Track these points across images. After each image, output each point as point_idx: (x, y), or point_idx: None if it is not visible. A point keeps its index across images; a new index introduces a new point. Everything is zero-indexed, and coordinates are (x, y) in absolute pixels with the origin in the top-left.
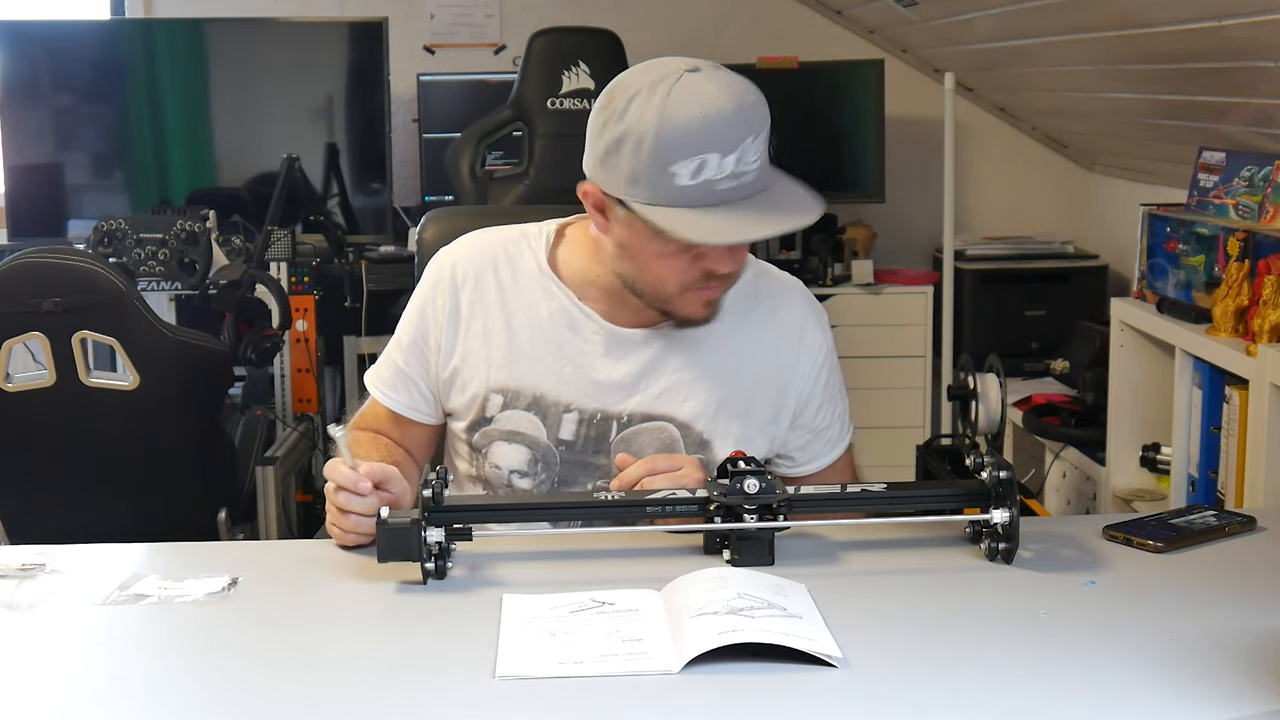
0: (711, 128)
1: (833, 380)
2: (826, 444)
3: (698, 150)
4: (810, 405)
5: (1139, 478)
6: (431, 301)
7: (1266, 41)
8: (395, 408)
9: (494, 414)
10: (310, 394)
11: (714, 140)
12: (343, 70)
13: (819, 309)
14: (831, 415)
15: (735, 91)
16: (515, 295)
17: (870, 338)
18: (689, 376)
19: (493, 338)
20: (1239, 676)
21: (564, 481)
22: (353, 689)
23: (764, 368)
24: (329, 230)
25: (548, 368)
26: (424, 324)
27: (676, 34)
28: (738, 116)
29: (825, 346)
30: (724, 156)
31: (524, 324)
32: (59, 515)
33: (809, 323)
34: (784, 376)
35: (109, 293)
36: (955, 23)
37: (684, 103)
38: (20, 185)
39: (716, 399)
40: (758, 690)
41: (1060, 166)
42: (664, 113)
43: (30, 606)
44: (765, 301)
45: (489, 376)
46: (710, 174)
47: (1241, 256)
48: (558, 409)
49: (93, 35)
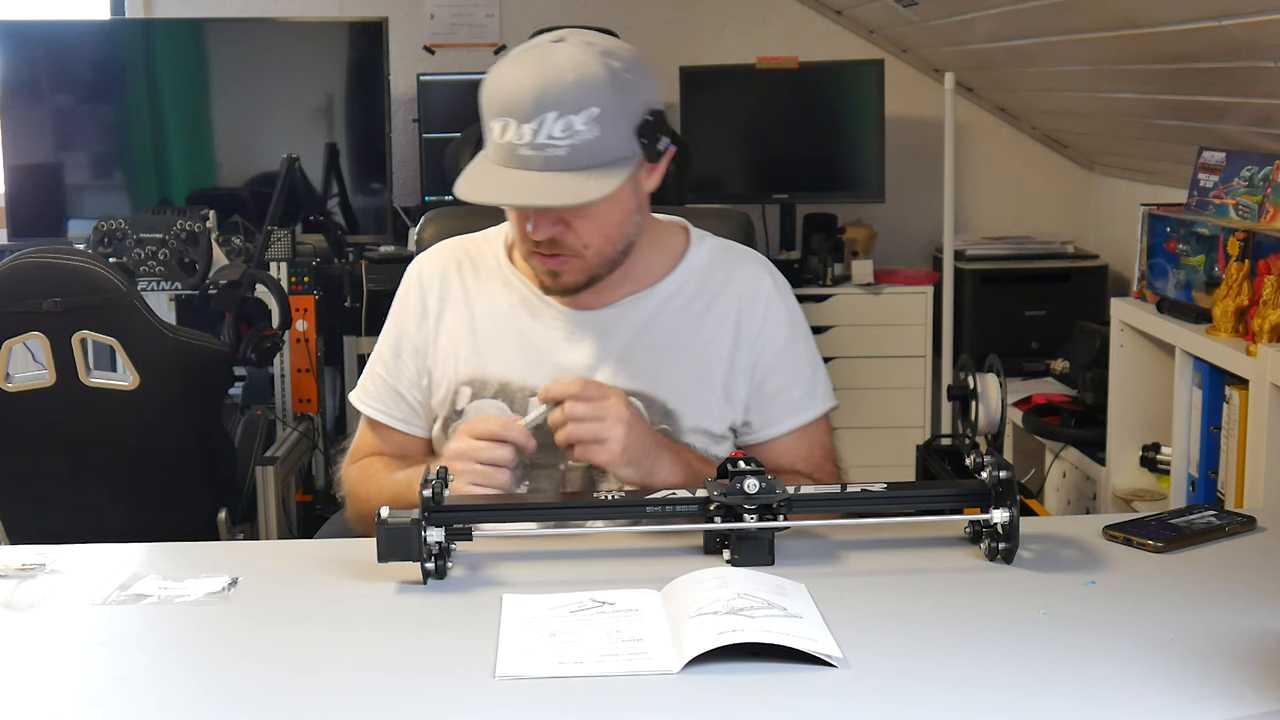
0: (511, 92)
1: (795, 345)
2: (787, 409)
3: (501, 112)
4: (773, 372)
5: (1139, 478)
6: (404, 308)
7: (1266, 41)
8: (387, 420)
9: (464, 406)
10: (310, 394)
11: (510, 107)
12: (343, 70)
13: (778, 276)
14: (793, 379)
15: (557, 68)
16: (478, 291)
17: (870, 338)
18: (650, 350)
19: (459, 333)
20: (1239, 676)
21: (535, 465)
22: (353, 689)
23: (723, 335)
24: (329, 230)
25: (512, 355)
26: (400, 330)
27: (676, 34)
28: (539, 89)
29: (784, 311)
30: (522, 124)
31: (487, 316)
32: (59, 515)
33: (765, 288)
34: (743, 342)
35: (109, 293)
36: (955, 23)
37: (507, 65)
38: (20, 185)
39: (678, 369)
40: (758, 690)
41: (1060, 166)
42: (492, 73)
43: (30, 606)
44: (721, 270)
45: (457, 370)
46: (512, 137)
47: (1241, 256)
48: (524, 394)
49: (93, 35)
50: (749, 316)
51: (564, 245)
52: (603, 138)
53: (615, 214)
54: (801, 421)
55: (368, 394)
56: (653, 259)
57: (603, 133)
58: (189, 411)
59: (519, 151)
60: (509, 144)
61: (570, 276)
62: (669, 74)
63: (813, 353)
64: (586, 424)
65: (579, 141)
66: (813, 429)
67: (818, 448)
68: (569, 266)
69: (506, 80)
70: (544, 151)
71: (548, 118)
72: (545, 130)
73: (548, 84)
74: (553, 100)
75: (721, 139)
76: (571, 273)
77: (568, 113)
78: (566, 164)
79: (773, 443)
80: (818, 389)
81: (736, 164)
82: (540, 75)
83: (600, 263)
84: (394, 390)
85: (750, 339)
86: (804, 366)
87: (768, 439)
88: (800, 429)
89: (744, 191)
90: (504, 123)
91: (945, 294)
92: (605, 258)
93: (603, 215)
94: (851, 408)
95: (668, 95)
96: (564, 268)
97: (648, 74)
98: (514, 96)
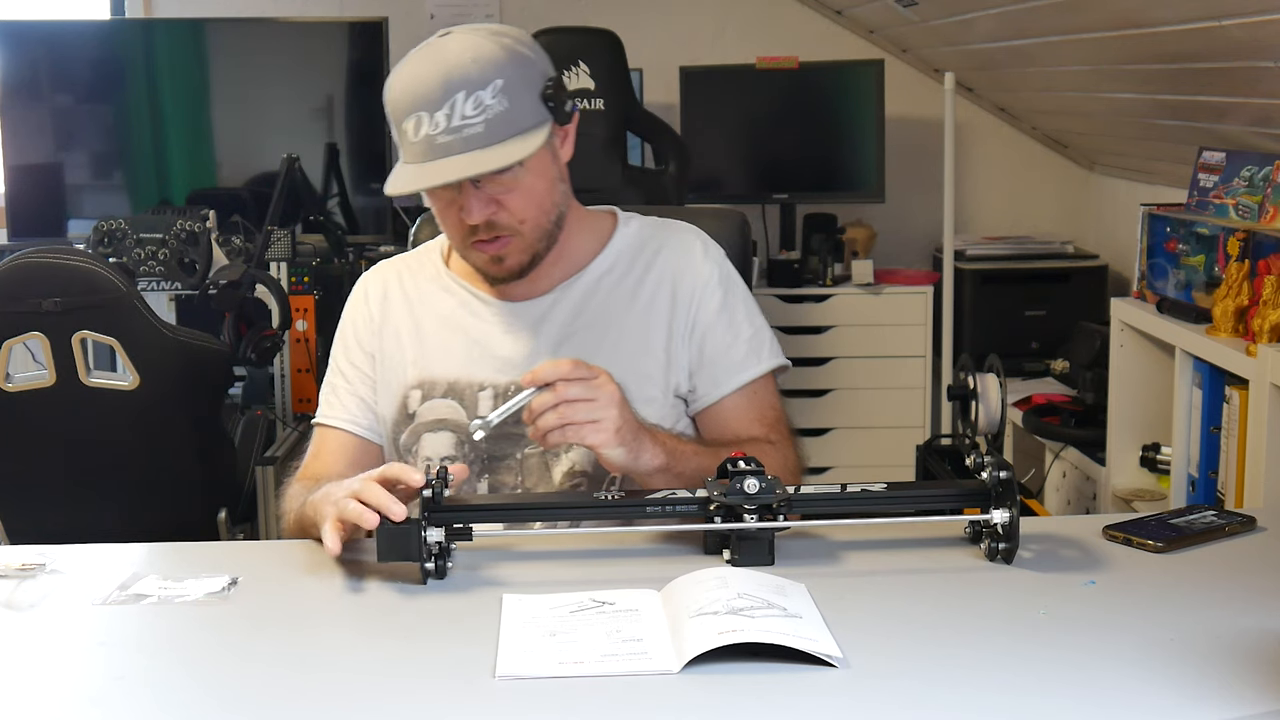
0: (416, 86)
1: (732, 306)
2: (729, 369)
3: (410, 109)
4: (711, 333)
5: (1139, 478)
6: (353, 321)
7: (1266, 41)
8: (356, 430)
9: (415, 408)
10: (310, 394)
11: (420, 99)
12: (343, 70)
13: (710, 243)
14: (733, 339)
15: (455, 53)
16: (419, 299)
17: (870, 338)
18: (588, 330)
19: (404, 339)
20: (1239, 676)
21: (493, 456)
22: (353, 689)
23: (659, 304)
24: (329, 230)
25: (456, 354)
26: (352, 340)
27: (676, 34)
28: (444, 75)
29: (716, 274)
30: (434, 113)
31: (430, 321)
32: (59, 515)
33: (696, 253)
34: (679, 308)
35: (109, 293)
36: (955, 23)
37: (405, 68)
38: (20, 185)
39: (618, 345)
40: (758, 690)
41: (1060, 166)
42: (391, 79)
43: (30, 606)
44: (651, 244)
45: (405, 375)
46: (427, 129)
47: (1241, 256)
48: (472, 390)
49: (93, 35)
50: (683, 282)
51: (500, 225)
52: (513, 107)
53: (541, 183)
54: (746, 379)
55: (331, 408)
56: (582, 242)
57: (512, 103)
58: (189, 412)
59: (438, 140)
60: (426, 137)
61: (513, 257)
62: (669, 74)
63: (753, 313)
64: (580, 404)
65: (492, 115)
66: (760, 389)
67: (769, 409)
68: (510, 247)
69: (409, 79)
70: (461, 132)
71: (458, 99)
72: (458, 111)
73: (450, 69)
74: (459, 82)
75: (721, 139)
76: (514, 253)
77: (475, 89)
78: (485, 139)
79: (722, 406)
80: (761, 348)
81: (736, 164)
82: (441, 63)
83: (538, 236)
84: (357, 397)
85: (685, 304)
86: (743, 326)
87: (716, 400)
88: (747, 388)
89: (744, 191)
90: (416, 118)
91: (945, 294)
92: (542, 229)
93: (530, 185)
94: (851, 408)
95: (668, 95)
96: (505, 249)
97: (537, 46)
98: (420, 90)
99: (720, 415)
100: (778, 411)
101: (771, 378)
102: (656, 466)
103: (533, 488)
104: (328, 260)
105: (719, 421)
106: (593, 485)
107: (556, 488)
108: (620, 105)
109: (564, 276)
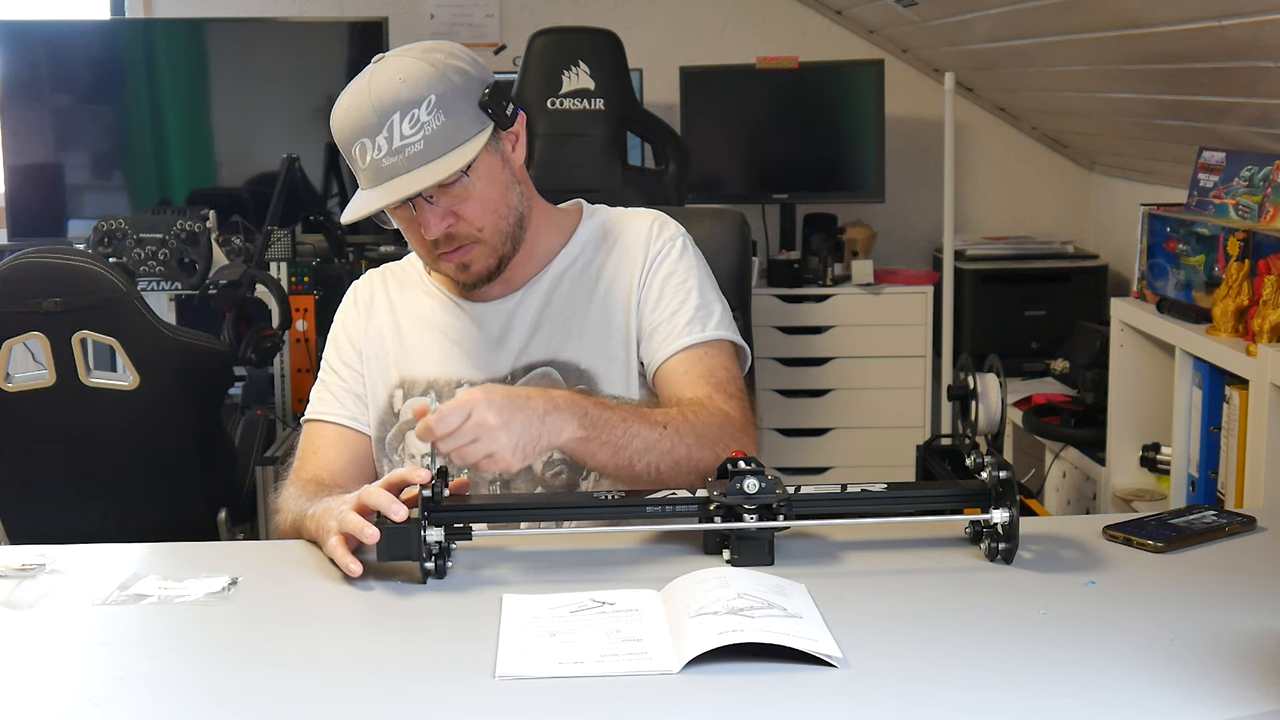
0: (353, 115)
1: (681, 275)
2: (673, 334)
3: (354, 137)
4: (659, 300)
5: (1139, 478)
6: (344, 324)
7: (1266, 41)
8: (352, 424)
9: (399, 407)
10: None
11: (359, 127)
12: (343, 70)
13: (666, 221)
14: (679, 305)
15: (385, 78)
16: (402, 303)
17: (870, 338)
18: (556, 319)
19: (386, 340)
20: (1239, 676)
21: None
22: (353, 689)
23: (621, 284)
24: (329, 230)
25: (434, 354)
26: (344, 340)
27: (676, 34)
28: (377, 101)
29: (668, 246)
30: (375, 137)
31: (410, 323)
32: (59, 515)
33: (651, 229)
34: (634, 284)
35: (109, 293)
36: (955, 23)
37: (344, 100)
38: (20, 185)
39: (584, 331)
40: (758, 690)
41: (1060, 166)
42: (333, 112)
43: (30, 606)
44: (614, 231)
45: (388, 375)
46: (373, 154)
47: (1241, 256)
48: (451, 386)
49: (93, 35)
50: (636, 260)
51: (460, 236)
52: (450, 120)
53: (494, 189)
54: (690, 342)
55: (325, 404)
56: (549, 238)
57: (448, 116)
58: (189, 411)
59: (383, 164)
60: (373, 162)
61: (479, 263)
62: (669, 74)
63: (705, 289)
64: (466, 449)
65: (430, 131)
66: (710, 353)
67: (720, 369)
68: (473, 254)
69: (347, 110)
70: (404, 152)
71: (394, 120)
72: (397, 132)
73: (382, 94)
74: (391, 104)
75: (721, 139)
76: (479, 259)
77: (410, 109)
78: (427, 155)
79: (669, 366)
80: (709, 319)
81: (736, 164)
82: (373, 90)
83: (500, 240)
84: (351, 393)
85: (639, 278)
86: (692, 296)
87: (662, 362)
88: (695, 350)
89: (744, 191)
90: (360, 145)
91: (945, 294)
92: (502, 233)
93: (482, 193)
94: (851, 408)
95: (668, 95)
96: (469, 257)
97: (472, 56)
98: (358, 118)
99: (667, 376)
100: (730, 374)
101: (727, 349)
102: (577, 438)
103: (515, 477)
104: (328, 260)
105: (666, 382)
106: (572, 471)
107: (538, 475)
108: (620, 105)
109: (534, 272)
